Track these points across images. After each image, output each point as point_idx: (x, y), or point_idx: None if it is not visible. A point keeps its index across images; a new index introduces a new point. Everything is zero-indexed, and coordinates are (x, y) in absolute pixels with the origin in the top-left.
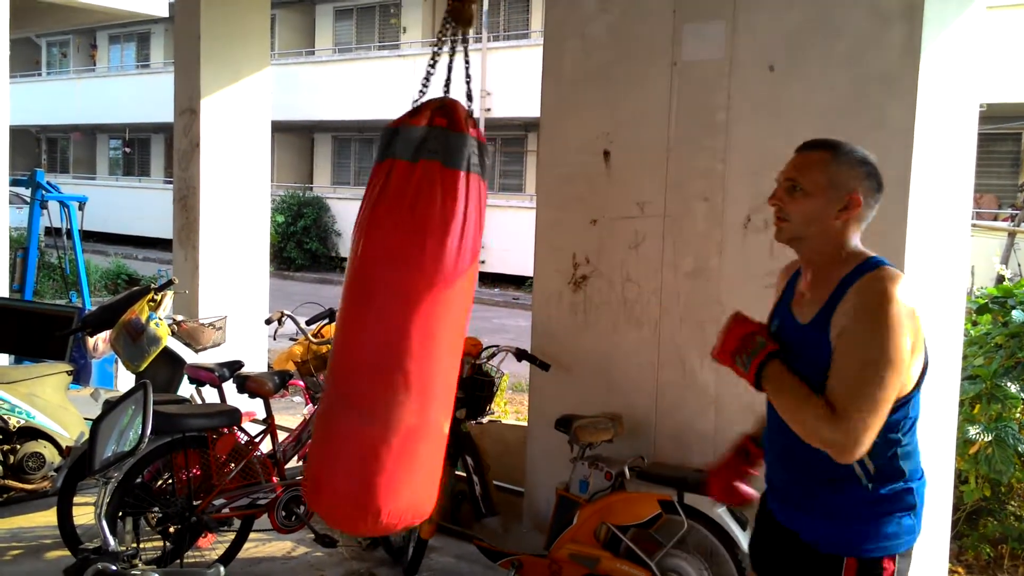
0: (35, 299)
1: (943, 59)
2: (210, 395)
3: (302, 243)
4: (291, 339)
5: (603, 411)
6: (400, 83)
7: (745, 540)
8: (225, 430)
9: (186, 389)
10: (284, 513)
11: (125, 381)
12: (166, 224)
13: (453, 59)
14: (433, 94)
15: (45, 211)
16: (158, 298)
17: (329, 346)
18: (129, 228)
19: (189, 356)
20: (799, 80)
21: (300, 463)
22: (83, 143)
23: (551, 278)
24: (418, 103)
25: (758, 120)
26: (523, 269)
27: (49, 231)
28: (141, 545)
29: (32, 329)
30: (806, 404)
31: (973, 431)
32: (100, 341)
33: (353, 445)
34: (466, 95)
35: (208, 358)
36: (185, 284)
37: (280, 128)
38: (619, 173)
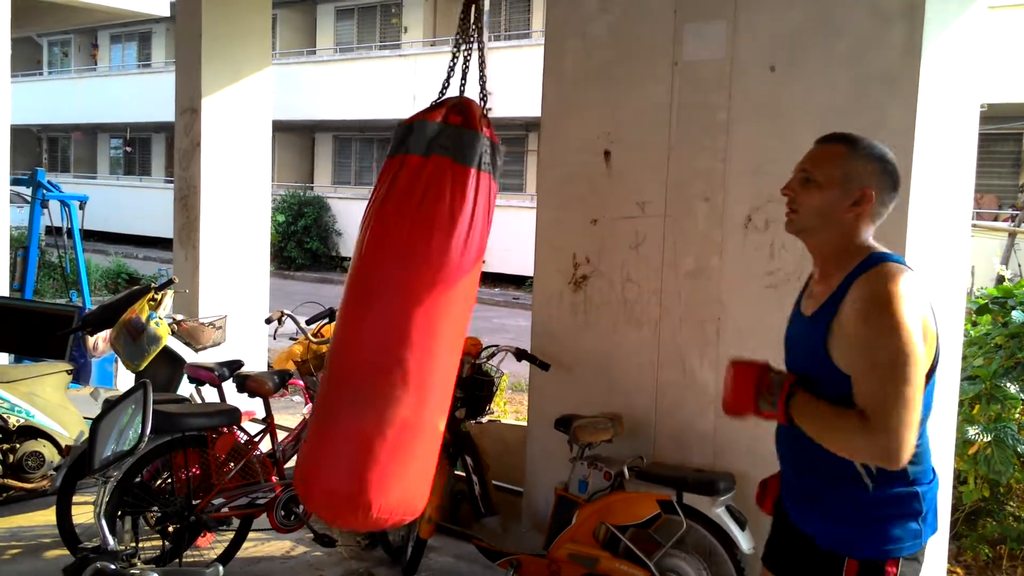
0: (35, 298)
1: (944, 59)
2: (210, 394)
3: (302, 243)
4: (291, 339)
5: (603, 411)
6: (401, 83)
7: (744, 540)
8: (224, 429)
9: (186, 388)
10: (283, 512)
11: (125, 380)
12: (167, 223)
13: (469, 58)
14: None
15: (46, 210)
16: (158, 297)
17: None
18: (130, 227)
19: (189, 355)
20: (800, 80)
21: None
22: (84, 142)
23: (551, 278)
24: (436, 101)
25: (759, 120)
26: (523, 269)
27: (50, 230)
28: (140, 544)
29: (32, 328)
30: (841, 423)
31: (972, 431)
32: (100, 340)
33: (347, 438)
34: (480, 96)
35: (208, 357)
36: (185, 283)
37: (281, 127)
38: (620, 173)
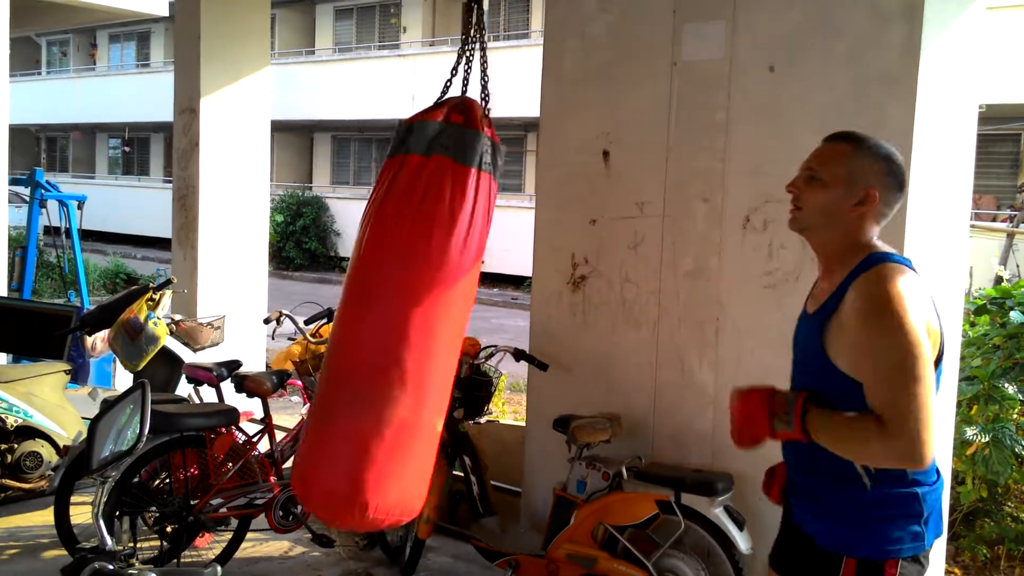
0: (33, 298)
1: (943, 60)
2: (208, 395)
3: (301, 243)
4: (289, 339)
5: (601, 411)
6: (400, 83)
7: (742, 540)
8: (223, 430)
9: (184, 388)
10: (281, 513)
11: (123, 380)
12: (165, 223)
13: (472, 58)
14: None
15: (44, 210)
16: (156, 297)
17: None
18: (128, 227)
19: (187, 355)
20: (799, 80)
21: None
22: (83, 142)
23: (550, 278)
24: (437, 100)
25: (758, 120)
26: (522, 269)
27: (48, 230)
28: (138, 544)
29: (30, 328)
30: (860, 433)
31: (970, 432)
32: (98, 340)
33: (345, 438)
34: (481, 96)
35: (206, 357)
36: (184, 283)
37: (279, 127)
38: (619, 173)
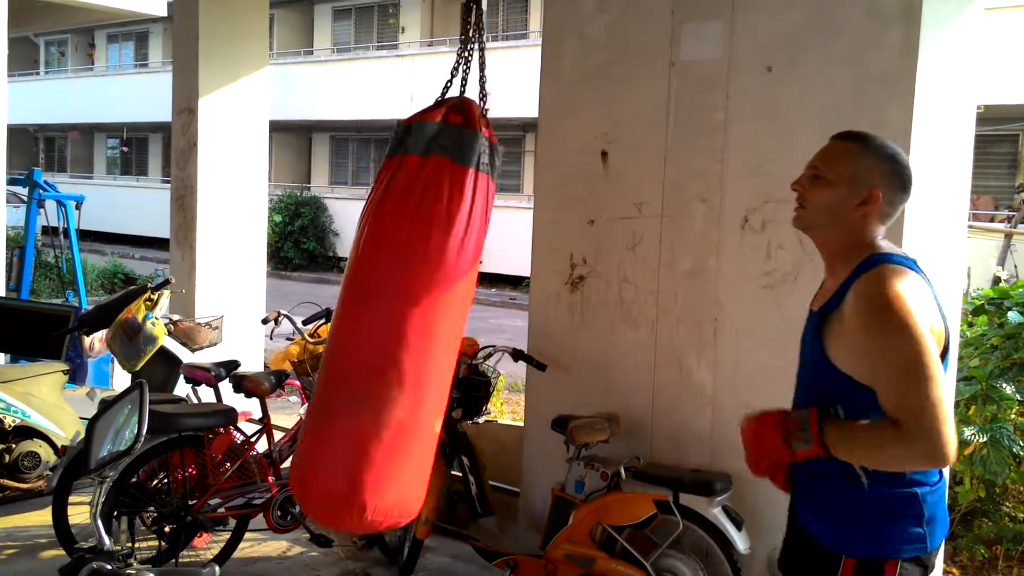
0: (31, 298)
1: (941, 60)
2: (206, 395)
3: (299, 243)
4: (288, 339)
5: (599, 411)
6: (399, 83)
7: (740, 540)
8: (221, 430)
9: (182, 389)
10: (280, 513)
11: (121, 380)
12: (163, 223)
13: (471, 59)
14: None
15: (42, 210)
16: (155, 297)
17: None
18: (126, 227)
19: (185, 356)
20: (797, 80)
21: None
22: (81, 142)
23: (548, 278)
24: (436, 100)
25: (756, 121)
26: (520, 269)
27: (46, 230)
28: (136, 544)
29: (28, 328)
30: (879, 440)
31: (968, 432)
32: (96, 340)
33: (342, 439)
34: (479, 96)
35: (204, 358)
36: (182, 283)
37: (278, 128)
38: (617, 173)
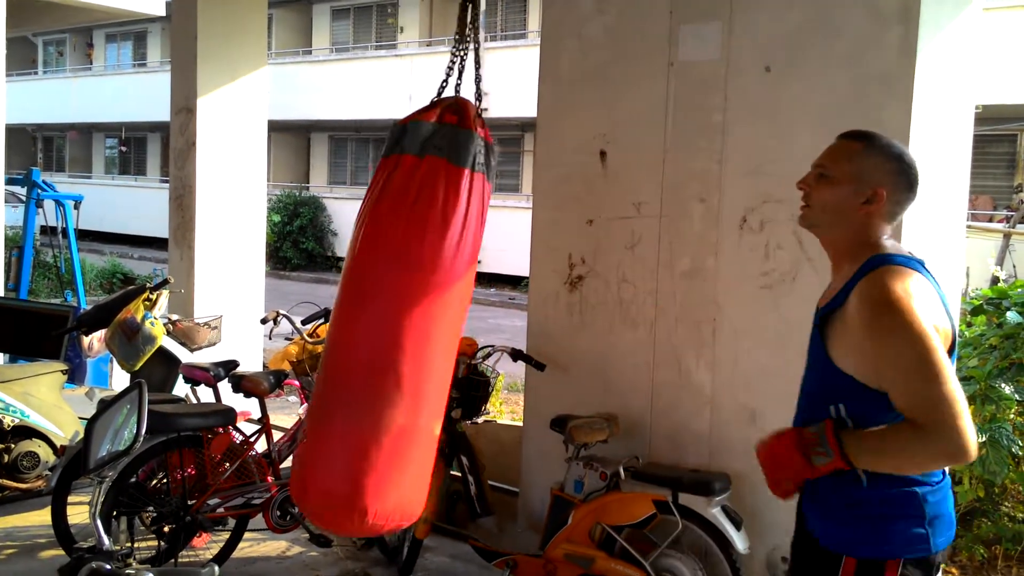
0: (30, 298)
1: (939, 60)
2: (205, 395)
3: (298, 243)
4: (287, 339)
5: (598, 411)
6: (397, 83)
7: (740, 540)
8: (220, 430)
9: (181, 388)
10: (279, 513)
11: (120, 380)
12: (162, 223)
13: (465, 58)
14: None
15: (41, 210)
16: (153, 297)
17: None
18: (125, 227)
19: (184, 355)
20: (796, 81)
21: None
22: (79, 142)
23: (547, 278)
24: (432, 100)
25: (755, 121)
26: (519, 269)
27: (45, 230)
28: (135, 544)
29: (27, 328)
30: (899, 444)
31: None
32: (95, 340)
33: (343, 443)
34: (475, 95)
35: (203, 357)
36: (181, 283)
37: (276, 127)
38: (615, 173)
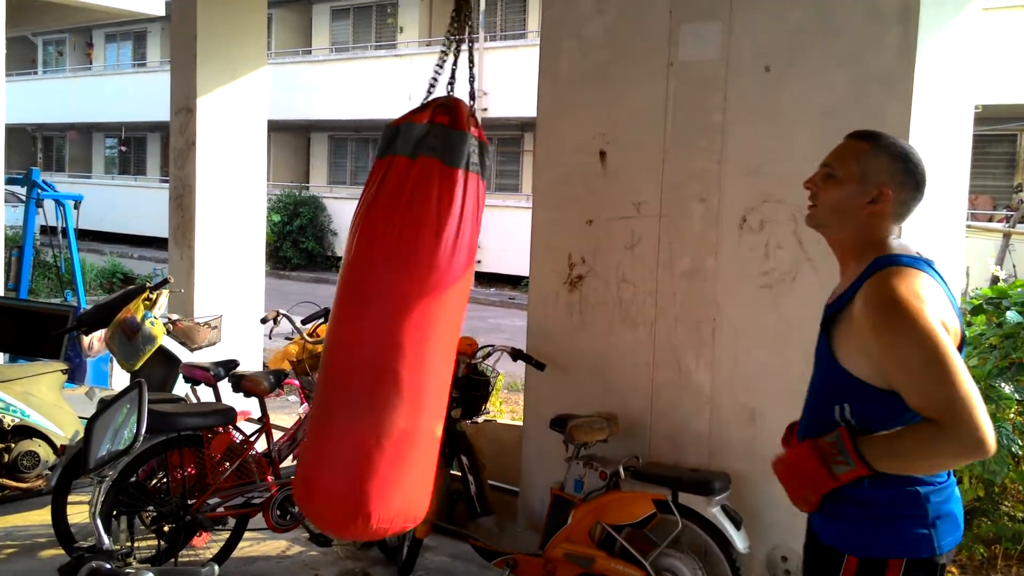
0: (30, 298)
1: (939, 60)
2: (205, 394)
3: (298, 242)
4: (287, 338)
5: (598, 411)
6: (397, 83)
7: (739, 539)
8: (220, 429)
9: (181, 388)
10: (279, 512)
11: (120, 380)
12: (162, 223)
13: (458, 57)
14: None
15: (41, 209)
16: (153, 297)
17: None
18: (125, 227)
19: (184, 355)
20: (795, 81)
21: (295, 462)
22: (79, 142)
23: (547, 278)
24: (424, 101)
25: (754, 121)
26: (519, 269)
27: (45, 229)
28: (135, 544)
29: (27, 328)
30: (917, 443)
31: None
32: (95, 340)
33: (345, 448)
34: (469, 94)
35: (203, 357)
36: (180, 283)
37: (276, 127)
38: (615, 173)
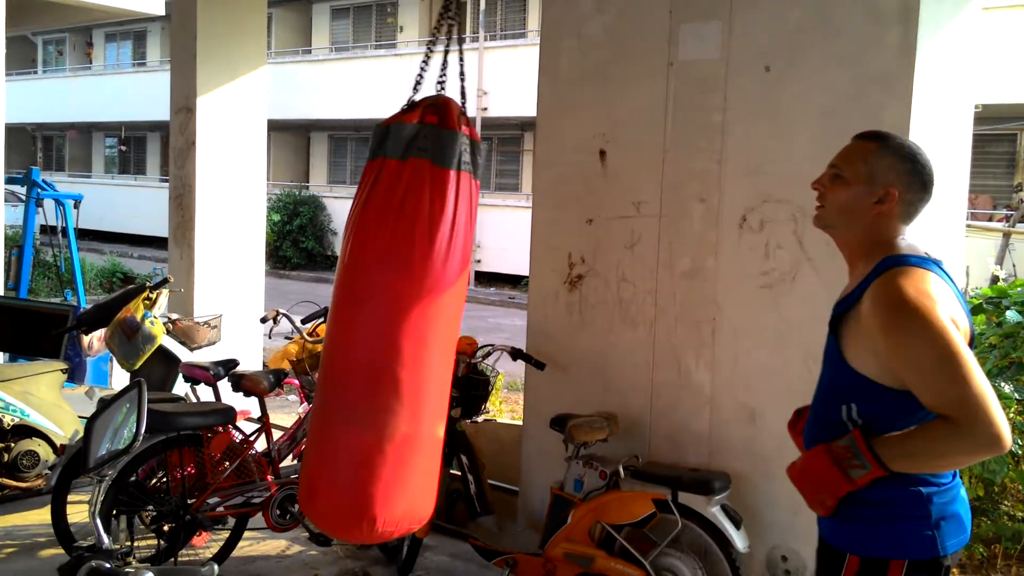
0: (30, 297)
1: (939, 60)
2: (205, 394)
3: (298, 242)
4: (286, 338)
5: (598, 410)
6: (397, 82)
7: (739, 539)
8: (220, 428)
9: (181, 388)
10: (279, 511)
11: (120, 379)
12: (162, 222)
13: (447, 56)
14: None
15: (40, 209)
16: (153, 296)
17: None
18: (125, 226)
19: (184, 354)
20: (795, 81)
21: (295, 461)
22: (79, 141)
23: (547, 277)
24: (412, 101)
25: (755, 121)
26: (519, 268)
27: (44, 229)
28: (135, 543)
29: (27, 327)
30: (932, 442)
31: None
32: (95, 339)
33: (348, 453)
34: (460, 93)
35: (203, 356)
36: (180, 282)
37: (276, 127)
38: (615, 173)
